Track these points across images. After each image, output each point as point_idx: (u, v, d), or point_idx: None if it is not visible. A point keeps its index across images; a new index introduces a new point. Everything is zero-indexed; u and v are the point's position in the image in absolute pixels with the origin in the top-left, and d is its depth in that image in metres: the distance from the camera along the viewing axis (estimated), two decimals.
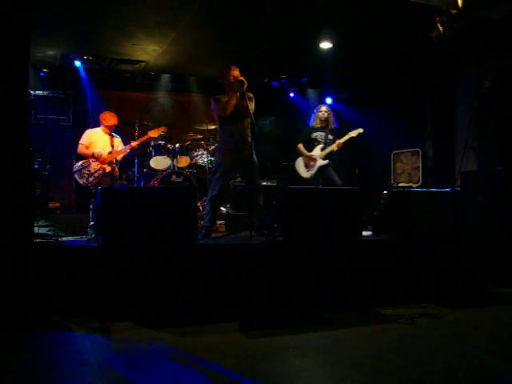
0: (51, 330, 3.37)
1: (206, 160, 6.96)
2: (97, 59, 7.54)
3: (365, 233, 5.00)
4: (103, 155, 5.76)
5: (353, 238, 4.57)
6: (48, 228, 4.63)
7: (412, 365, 2.75)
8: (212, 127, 6.98)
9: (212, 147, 6.88)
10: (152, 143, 6.76)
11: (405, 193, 4.95)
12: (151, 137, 6.44)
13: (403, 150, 8.17)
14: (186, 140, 7.17)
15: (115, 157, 5.92)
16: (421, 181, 7.74)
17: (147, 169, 6.76)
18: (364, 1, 5.40)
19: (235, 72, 5.09)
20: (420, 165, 7.78)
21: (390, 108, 8.03)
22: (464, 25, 5.42)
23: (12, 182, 3.52)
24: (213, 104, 5.12)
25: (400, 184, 7.88)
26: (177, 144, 6.89)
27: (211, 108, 5.20)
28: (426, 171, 7.70)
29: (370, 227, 5.47)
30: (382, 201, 5.13)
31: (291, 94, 9.22)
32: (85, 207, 6.67)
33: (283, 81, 8.82)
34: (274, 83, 8.92)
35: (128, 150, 6.09)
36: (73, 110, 8.28)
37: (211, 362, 2.72)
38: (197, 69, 8.14)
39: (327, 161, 6.09)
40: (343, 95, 9.16)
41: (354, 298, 4.28)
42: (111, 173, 5.84)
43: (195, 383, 2.50)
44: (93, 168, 5.68)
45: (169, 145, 6.80)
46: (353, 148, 6.19)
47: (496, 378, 2.57)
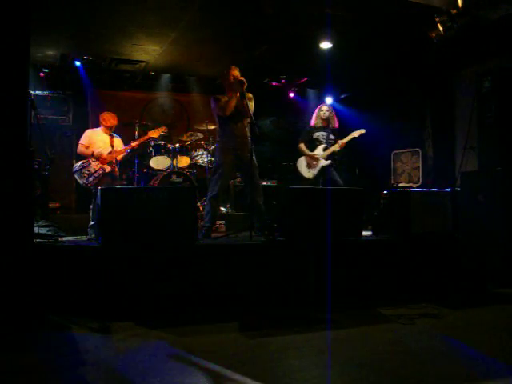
0: (51, 330, 3.37)
1: (206, 160, 6.96)
2: (97, 59, 7.54)
3: (365, 233, 5.01)
4: (103, 155, 5.77)
5: (353, 238, 4.58)
6: (48, 228, 4.62)
7: (412, 365, 2.75)
8: (212, 127, 6.98)
9: (212, 147, 6.87)
10: (152, 143, 6.77)
11: (405, 193, 4.95)
12: (151, 137, 6.45)
13: (403, 150, 8.18)
14: (186, 140, 7.17)
15: (115, 157, 5.92)
16: (421, 181, 7.74)
17: (147, 169, 6.76)
18: (364, 1, 5.40)
19: (235, 72, 5.08)
20: (420, 165, 7.78)
21: (390, 108, 8.04)
22: (464, 25, 5.42)
23: (12, 182, 3.52)
24: (213, 103, 5.12)
25: (400, 184, 7.88)
26: (177, 144, 6.90)
27: (211, 107, 5.20)
28: (426, 171, 7.70)
29: (370, 227, 5.47)
30: (382, 201, 5.13)
31: (291, 94, 9.22)
32: (85, 207, 6.68)
33: (283, 81, 8.83)
34: (274, 83, 8.92)
35: (128, 150, 6.09)
36: (73, 110, 8.29)
37: (211, 362, 2.72)
38: (197, 69, 8.14)
39: (330, 161, 6.05)
40: (343, 95, 9.16)
41: (354, 298, 4.28)
42: (111, 173, 5.85)
43: (195, 383, 2.50)
44: (93, 168, 5.69)
45: (169, 145, 6.81)
46: (353, 148, 6.18)
47: (496, 378, 2.57)
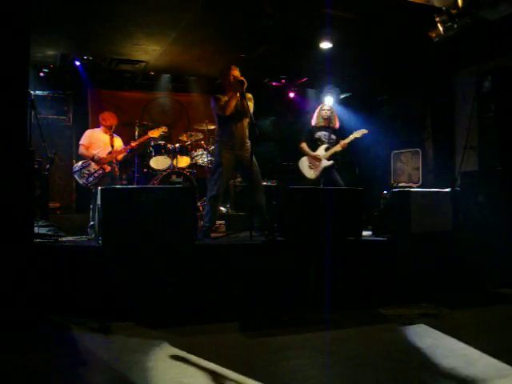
0: (51, 330, 3.37)
1: (206, 160, 6.95)
2: (97, 59, 7.53)
3: (365, 233, 5.01)
4: (103, 158, 5.76)
5: (353, 238, 4.58)
6: (48, 228, 4.62)
7: (412, 365, 2.75)
8: (212, 127, 6.97)
9: (212, 147, 6.86)
10: (152, 143, 6.76)
11: (405, 193, 4.95)
12: (151, 137, 6.45)
13: (403, 150, 8.17)
14: (186, 140, 7.17)
15: (115, 157, 5.93)
16: (421, 181, 7.73)
17: (147, 169, 6.76)
18: (364, 1, 5.40)
19: (235, 72, 5.08)
20: (420, 165, 7.78)
21: (390, 108, 8.03)
22: (464, 25, 5.41)
23: (12, 182, 3.52)
24: (213, 103, 5.11)
25: (400, 184, 7.87)
26: (177, 144, 6.90)
27: (211, 107, 5.19)
28: (426, 171, 7.69)
29: (370, 227, 5.47)
30: (382, 201, 5.13)
31: (291, 94, 9.22)
32: (85, 207, 6.68)
33: (283, 81, 8.83)
34: (274, 83, 8.92)
35: (128, 150, 6.09)
36: (73, 110, 8.28)
37: (211, 362, 2.73)
38: (197, 69, 8.13)
39: (332, 161, 6.02)
40: (343, 95, 9.16)
41: (354, 298, 4.28)
42: (111, 173, 5.85)
43: (195, 383, 2.50)
44: (93, 168, 5.69)
45: (169, 145, 6.80)
46: (353, 148, 6.18)
47: (496, 378, 2.57)
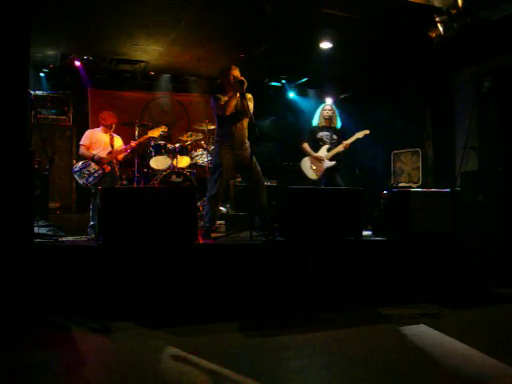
0: (51, 330, 3.37)
1: (206, 160, 6.96)
2: (97, 59, 7.54)
3: (365, 233, 5.00)
4: (103, 158, 5.76)
5: (353, 238, 4.58)
6: (48, 228, 4.62)
7: (412, 365, 2.75)
8: (212, 127, 6.97)
9: (212, 147, 6.87)
10: (152, 143, 6.76)
11: (405, 193, 4.95)
12: (151, 136, 6.45)
13: (403, 150, 8.18)
14: (186, 140, 7.17)
15: (115, 157, 5.93)
16: (421, 181, 7.74)
17: (147, 169, 6.76)
18: (364, 1, 5.40)
19: (235, 72, 5.08)
20: (420, 165, 7.79)
21: (390, 108, 8.03)
22: (464, 25, 5.41)
23: (12, 182, 3.52)
24: (213, 102, 5.10)
25: (400, 184, 7.88)
26: (177, 144, 6.90)
27: (211, 106, 5.19)
28: (426, 171, 7.70)
29: (370, 227, 5.47)
30: (382, 201, 5.12)
31: (291, 94, 9.22)
32: (85, 207, 6.69)
33: (283, 81, 8.83)
34: (274, 83, 8.92)
35: (128, 150, 6.09)
36: (73, 110, 8.28)
37: (211, 362, 2.72)
38: (197, 69, 8.13)
39: (334, 162, 5.99)
40: (343, 95, 9.16)
41: (354, 298, 4.28)
42: (111, 173, 5.85)
43: (195, 383, 2.50)
44: (93, 168, 5.69)
45: (169, 145, 6.80)
46: (353, 148, 6.17)
47: (496, 378, 2.57)
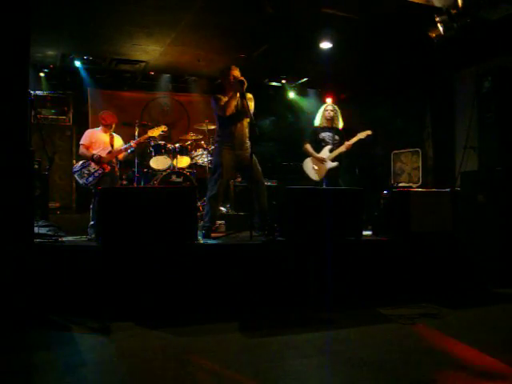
0: (51, 330, 3.37)
1: (206, 160, 6.96)
2: (97, 59, 7.54)
3: (365, 233, 5.00)
4: (103, 158, 5.76)
5: (353, 238, 4.58)
6: (48, 228, 4.62)
7: (412, 365, 2.75)
8: (212, 127, 6.97)
9: (212, 147, 6.87)
10: (152, 143, 6.77)
11: (405, 193, 4.95)
12: (151, 136, 6.45)
13: (403, 150, 8.17)
14: (186, 140, 7.17)
15: (114, 156, 5.92)
16: (421, 181, 7.74)
17: (147, 169, 6.77)
18: (364, 1, 5.40)
19: (235, 72, 5.07)
20: (420, 165, 7.78)
21: (390, 108, 8.03)
22: (464, 25, 5.41)
23: (12, 182, 3.52)
24: (213, 103, 5.10)
25: (400, 184, 7.88)
26: (177, 144, 6.90)
27: (211, 107, 5.19)
28: (426, 171, 7.70)
29: (370, 227, 5.47)
30: (382, 201, 5.12)
31: (291, 94, 9.22)
32: (85, 207, 6.69)
33: (283, 81, 8.83)
34: (274, 83, 8.92)
35: (129, 150, 6.09)
36: (73, 110, 8.28)
37: (211, 362, 2.72)
38: (197, 69, 8.12)
39: (337, 163, 5.98)
40: (343, 95, 9.16)
41: (354, 298, 4.28)
42: (111, 173, 5.85)
43: (195, 383, 2.50)
44: (93, 168, 5.68)
45: (169, 145, 6.80)
46: (353, 148, 6.17)
47: (496, 378, 2.57)
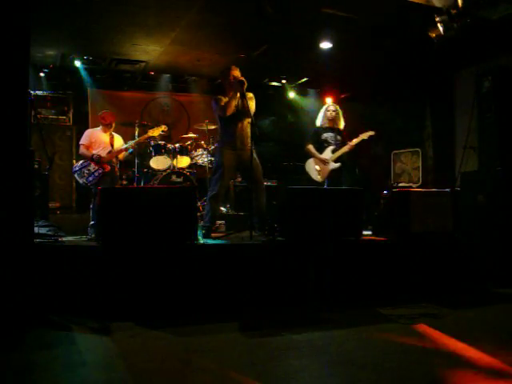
0: (51, 330, 3.37)
1: (206, 160, 6.96)
2: (97, 59, 7.54)
3: (365, 233, 5.00)
4: (102, 158, 5.76)
5: (353, 238, 4.57)
6: (48, 228, 4.62)
7: (412, 365, 2.75)
8: (212, 127, 6.98)
9: (212, 147, 6.88)
10: (152, 143, 6.77)
11: (405, 193, 4.95)
12: (151, 136, 6.44)
13: (403, 150, 8.17)
14: (186, 140, 7.17)
15: (115, 156, 5.92)
16: (421, 181, 7.74)
17: (147, 169, 6.77)
18: (364, 1, 5.40)
19: (235, 72, 5.08)
20: (420, 165, 7.78)
21: (390, 108, 8.03)
22: (464, 25, 5.42)
23: (12, 182, 3.52)
24: (213, 104, 5.11)
25: (400, 184, 7.88)
26: (177, 144, 6.90)
27: (212, 108, 5.20)
28: (426, 171, 7.70)
29: (370, 227, 5.47)
30: (382, 201, 5.12)
31: (291, 94, 9.22)
32: (85, 207, 6.69)
33: (283, 81, 8.83)
34: (274, 83, 8.92)
35: (129, 150, 6.09)
36: (73, 110, 8.28)
37: (211, 362, 2.72)
38: (197, 69, 8.13)
39: (339, 163, 5.93)
40: (343, 95, 9.15)
41: (354, 298, 4.28)
42: (111, 172, 5.85)
43: (195, 383, 2.50)
44: (93, 167, 5.69)
45: (169, 145, 6.80)
46: (353, 148, 6.16)
47: (496, 379, 2.57)
